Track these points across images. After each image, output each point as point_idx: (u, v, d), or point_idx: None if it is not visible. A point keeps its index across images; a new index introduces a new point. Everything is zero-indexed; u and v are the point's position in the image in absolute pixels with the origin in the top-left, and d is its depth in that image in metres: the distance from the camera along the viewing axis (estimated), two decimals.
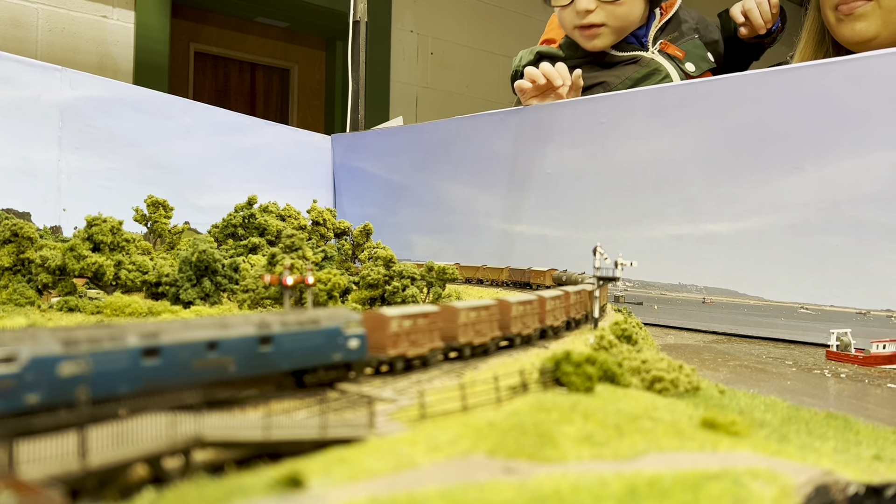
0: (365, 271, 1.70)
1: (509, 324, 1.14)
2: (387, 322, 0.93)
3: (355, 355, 0.88)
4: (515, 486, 0.55)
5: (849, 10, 2.07)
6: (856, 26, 2.08)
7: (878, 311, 1.54)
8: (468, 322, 1.05)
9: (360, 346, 0.89)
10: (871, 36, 2.06)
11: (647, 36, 2.57)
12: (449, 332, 1.03)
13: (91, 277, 1.63)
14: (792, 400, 0.99)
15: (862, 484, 0.63)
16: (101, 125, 2.20)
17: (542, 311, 1.23)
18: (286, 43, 5.21)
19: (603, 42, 2.53)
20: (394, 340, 0.93)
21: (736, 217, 1.76)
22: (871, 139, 1.54)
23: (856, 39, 2.08)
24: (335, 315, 0.88)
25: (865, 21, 2.07)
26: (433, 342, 1.00)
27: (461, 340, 1.03)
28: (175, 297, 1.64)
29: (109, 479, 0.52)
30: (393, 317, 0.94)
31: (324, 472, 0.55)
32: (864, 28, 2.07)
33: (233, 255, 1.82)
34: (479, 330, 1.07)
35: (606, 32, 2.51)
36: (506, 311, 1.14)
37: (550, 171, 2.15)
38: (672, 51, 2.54)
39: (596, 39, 2.52)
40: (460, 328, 1.03)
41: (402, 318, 0.95)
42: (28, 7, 3.61)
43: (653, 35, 2.57)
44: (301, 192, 2.61)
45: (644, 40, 2.57)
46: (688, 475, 0.59)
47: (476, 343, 1.06)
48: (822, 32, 2.25)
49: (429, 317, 0.99)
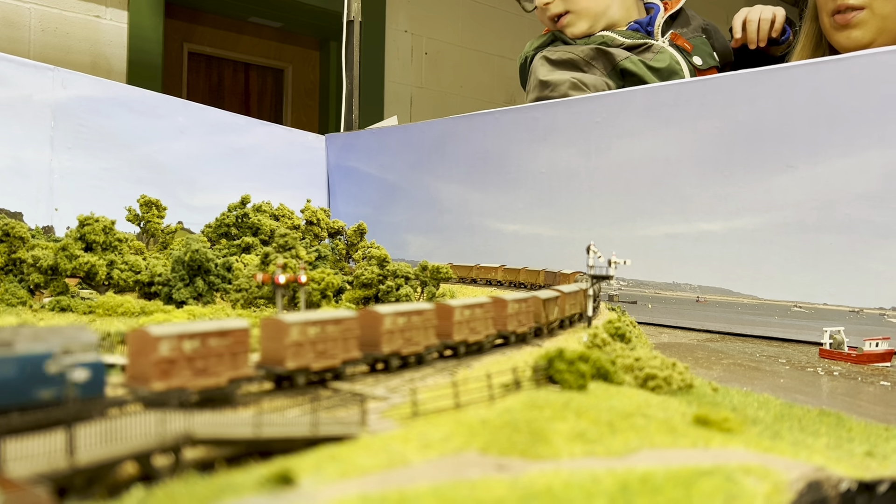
0: (359, 271, 1.70)
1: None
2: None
3: (85, 391, 0.63)
4: (507, 483, 0.55)
5: (844, 21, 2.09)
6: (851, 34, 2.10)
7: (871, 310, 1.54)
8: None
9: (95, 380, 0.64)
10: (866, 43, 2.08)
11: (652, 25, 2.61)
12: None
13: (83, 277, 1.63)
14: (785, 398, 0.99)
15: (854, 480, 0.63)
16: (94, 125, 2.19)
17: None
18: (280, 43, 5.20)
19: (578, 29, 2.63)
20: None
21: (730, 216, 1.77)
22: (864, 138, 1.55)
23: (851, 46, 2.10)
24: (54, 334, 0.66)
25: (861, 29, 2.09)
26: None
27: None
28: (168, 296, 1.63)
29: (98, 476, 0.51)
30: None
31: (315, 470, 0.55)
32: (859, 36, 2.09)
33: (226, 255, 1.82)
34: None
35: (574, 20, 2.62)
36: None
37: (545, 170, 2.15)
38: (681, 42, 2.58)
39: (568, 28, 2.64)
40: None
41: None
42: (21, 7, 3.60)
43: (660, 25, 2.61)
44: (295, 191, 2.60)
45: (650, 29, 2.60)
46: (680, 472, 0.59)
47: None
48: (819, 37, 2.26)
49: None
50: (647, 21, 2.62)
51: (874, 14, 2.05)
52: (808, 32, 2.30)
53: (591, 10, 2.61)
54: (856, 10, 2.07)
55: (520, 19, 5.64)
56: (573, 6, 2.60)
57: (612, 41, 2.53)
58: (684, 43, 2.57)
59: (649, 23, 2.62)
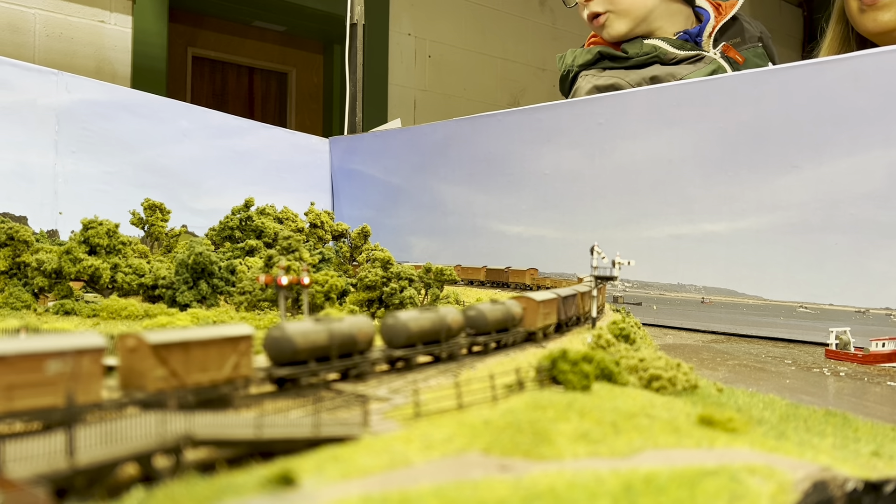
0: (363, 273, 1.70)
1: None
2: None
3: None
4: (510, 483, 0.55)
5: (872, 1, 2.06)
6: (878, 16, 2.07)
7: (878, 310, 1.53)
8: None
9: None
10: (894, 27, 2.06)
11: (701, 35, 2.51)
12: None
13: (87, 281, 1.63)
14: (791, 398, 0.98)
15: (860, 480, 0.62)
16: (98, 129, 2.20)
17: None
18: (284, 47, 5.21)
19: (615, 30, 2.52)
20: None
21: (734, 216, 1.76)
22: (869, 138, 1.54)
23: (878, 30, 2.08)
24: None
25: (890, 11, 2.06)
26: None
27: None
28: (171, 299, 1.64)
29: (98, 477, 0.51)
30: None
31: (316, 471, 0.55)
32: (887, 19, 2.06)
33: (230, 258, 1.82)
34: None
35: (613, 19, 2.50)
36: None
37: (548, 171, 2.14)
38: (733, 55, 2.48)
39: (606, 29, 2.53)
40: None
41: None
42: (26, 12, 3.61)
43: (710, 36, 2.51)
44: (299, 194, 2.60)
45: (699, 39, 2.51)
46: (684, 472, 0.59)
47: None
48: (845, 38, 2.24)
49: None
50: (697, 31, 2.51)
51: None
52: (834, 33, 2.28)
53: (633, 11, 2.49)
54: None
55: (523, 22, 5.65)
56: (615, 6, 2.49)
57: (663, 54, 2.43)
58: (736, 55, 2.47)
59: (699, 33, 2.50)
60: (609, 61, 2.55)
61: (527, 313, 1.21)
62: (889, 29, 2.06)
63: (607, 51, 2.56)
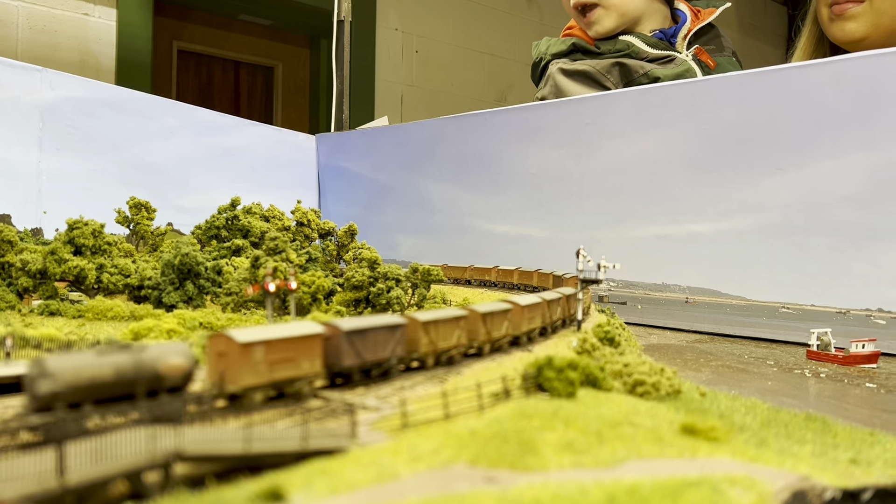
0: (349, 273, 1.70)
1: None
2: None
3: None
4: (496, 496, 0.56)
5: (840, 11, 2.09)
6: (846, 26, 2.10)
7: (858, 311, 1.56)
8: None
9: None
10: (860, 37, 2.09)
11: (675, 36, 2.54)
12: None
13: (73, 281, 1.62)
14: (773, 401, 1.00)
15: (838, 489, 0.63)
16: (83, 126, 2.18)
17: None
18: (270, 41, 5.19)
19: (604, 27, 2.53)
20: None
21: (719, 217, 1.78)
22: (850, 141, 1.56)
23: (845, 39, 2.11)
24: None
25: (856, 22, 2.09)
26: None
27: None
28: (157, 300, 1.63)
29: (88, 495, 0.51)
30: None
31: (305, 485, 0.55)
32: (853, 29, 2.10)
33: (216, 258, 1.82)
34: None
35: (603, 14, 2.52)
36: None
37: (535, 171, 2.15)
38: (705, 58, 2.50)
39: (594, 26, 2.54)
40: None
41: None
42: (9, 5, 3.57)
43: (685, 37, 2.54)
44: (285, 192, 2.60)
45: (673, 40, 2.54)
46: (667, 483, 0.60)
47: None
48: (819, 37, 2.27)
49: None
50: (672, 32, 2.54)
51: (872, 8, 2.06)
52: (810, 33, 2.31)
53: (622, 7, 2.51)
54: (853, 3, 2.08)
55: (510, 17, 5.65)
56: (606, 1, 2.51)
57: (635, 52, 2.46)
58: (708, 59, 2.50)
59: (674, 33, 2.54)
60: (581, 54, 2.59)
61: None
62: (856, 39, 2.09)
63: (581, 43, 2.60)
